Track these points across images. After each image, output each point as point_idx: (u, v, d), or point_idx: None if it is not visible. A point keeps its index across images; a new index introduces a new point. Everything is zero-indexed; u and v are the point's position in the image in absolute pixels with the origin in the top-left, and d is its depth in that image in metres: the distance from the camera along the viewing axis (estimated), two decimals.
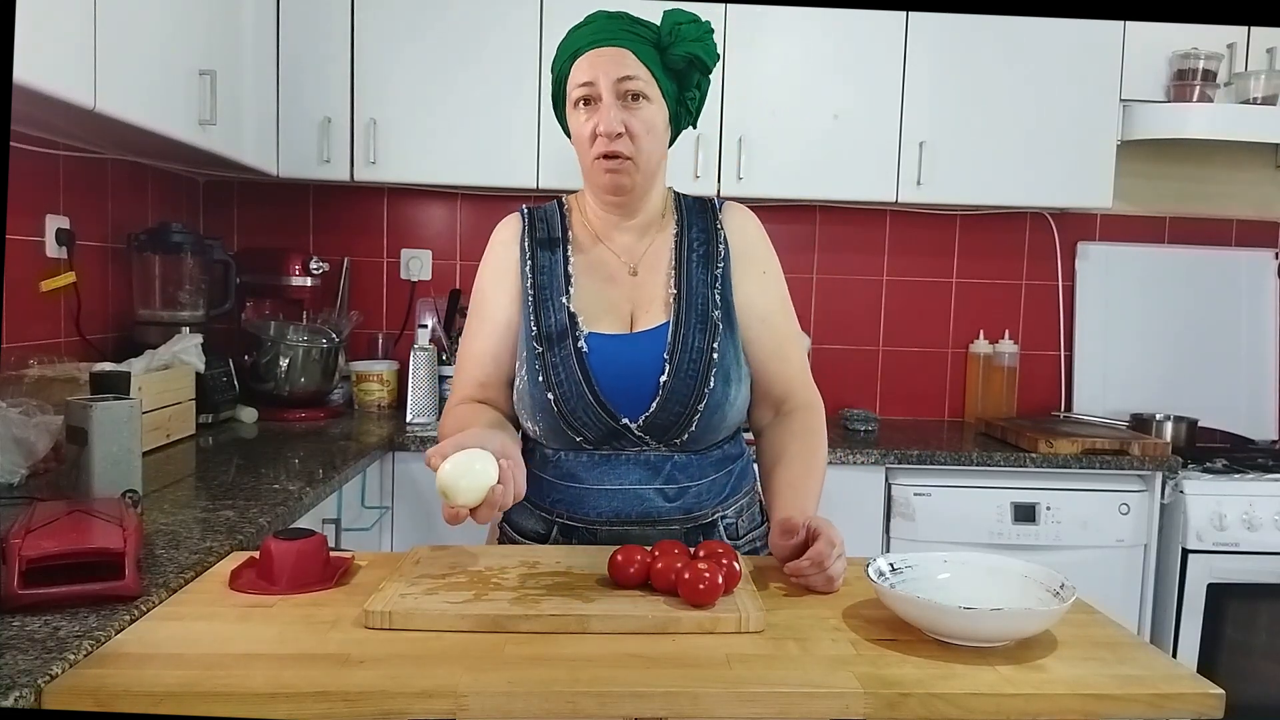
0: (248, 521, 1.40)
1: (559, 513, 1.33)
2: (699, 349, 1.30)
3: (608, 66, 1.27)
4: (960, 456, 2.40)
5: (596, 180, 1.32)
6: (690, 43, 1.29)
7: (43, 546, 1.00)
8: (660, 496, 1.31)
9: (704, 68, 1.33)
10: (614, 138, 1.26)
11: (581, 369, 1.29)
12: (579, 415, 1.28)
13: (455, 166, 2.54)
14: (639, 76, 1.27)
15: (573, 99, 1.30)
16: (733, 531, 1.36)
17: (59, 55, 1.47)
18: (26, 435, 1.53)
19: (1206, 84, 2.61)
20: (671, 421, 1.29)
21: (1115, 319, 2.95)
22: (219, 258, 2.45)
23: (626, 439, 1.30)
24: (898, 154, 2.58)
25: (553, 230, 1.39)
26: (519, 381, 1.33)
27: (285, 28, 2.47)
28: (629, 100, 1.27)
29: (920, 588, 1.03)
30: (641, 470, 1.31)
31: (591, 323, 1.32)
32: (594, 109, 1.28)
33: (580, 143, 1.31)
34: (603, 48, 1.28)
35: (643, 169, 1.31)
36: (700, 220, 1.40)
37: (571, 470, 1.32)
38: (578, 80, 1.29)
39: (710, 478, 1.34)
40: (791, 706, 0.85)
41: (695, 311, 1.32)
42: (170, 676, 0.85)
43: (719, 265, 1.36)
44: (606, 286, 1.36)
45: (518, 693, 0.84)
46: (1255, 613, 2.44)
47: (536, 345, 1.31)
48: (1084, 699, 0.87)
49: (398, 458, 2.33)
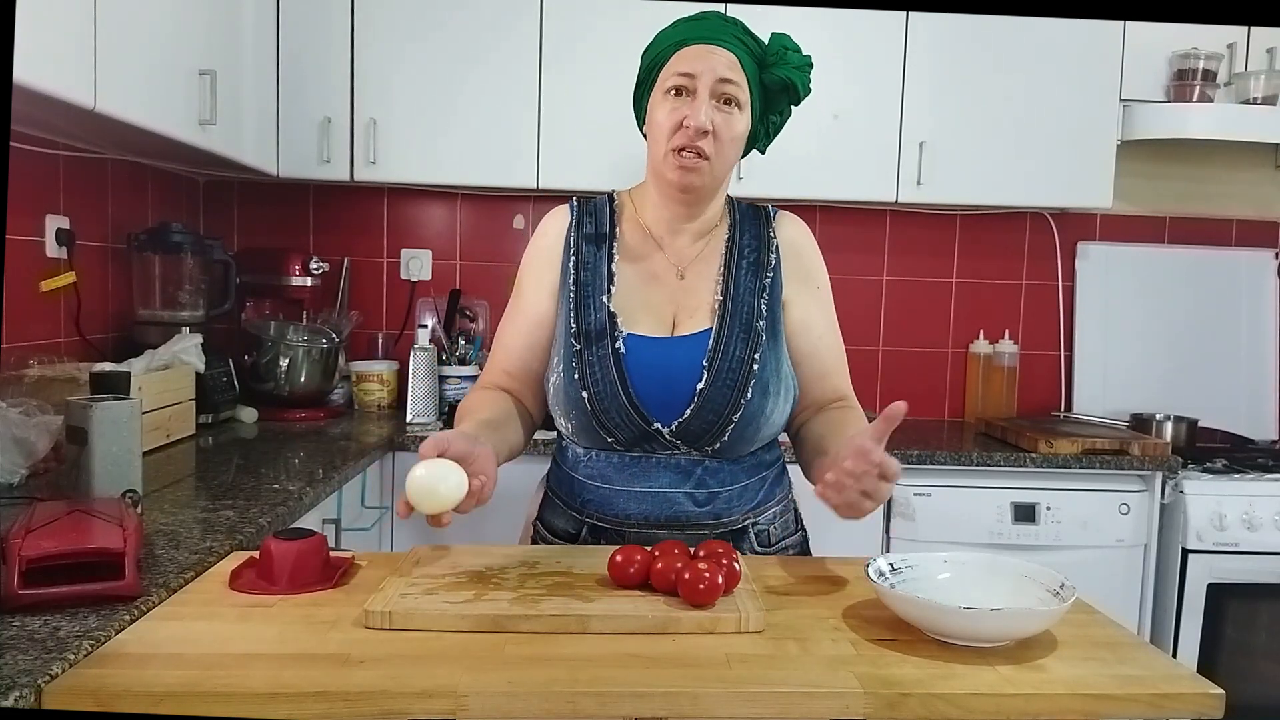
0: (248, 521, 1.40)
1: (589, 513, 1.33)
2: (739, 358, 1.28)
3: (713, 63, 1.26)
4: (960, 456, 2.40)
5: (667, 174, 1.29)
6: (792, 68, 1.30)
7: (43, 546, 1.00)
8: (690, 501, 1.30)
9: (795, 97, 1.33)
10: (701, 134, 1.25)
11: (618, 369, 1.27)
12: (611, 416, 1.27)
13: (455, 166, 2.54)
14: (739, 82, 1.27)
15: (666, 86, 1.28)
16: (765, 539, 1.35)
17: (59, 55, 1.47)
18: (26, 435, 1.53)
19: (1206, 84, 2.61)
20: (705, 429, 1.28)
21: (1115, 319, 2.95)
22: (219, 258, 2.44)
23: (658, 442, 1.29)
24: (898, 154, 2.58)
25: (600, 226, 1.37)
26: (555, 377, 1.32)
27: (285, 28, 2.47)
28: (723, 103, 1.27)
29: (920, 588, 1.03)
30: (672, 474, 1.30)
31: (631, 323, 1.30)
32: (686, 101, 1.26)
33: (659, 131, 1.28)
34: (712, 45, 1.27)
35: (715, 173, 1.30)
36: (753, 227, 1.39)
37: (602, 471, 1.32)
38: (678, 69, 1.27)
39: (742, 484, 1.33)
40: (791, 706, 0.85)
41: (740, 320, 1.31)
42: (170, 676, 0.85)
43: (768, 275, 1.35)
44: (650, 287, 1.34)
45: (518, 693, 0.84)
46: (1255, 613, 2.44)
47: (575, 343, 1.30)
48: (1084, 699, 0.87)
49: (398, 458, 2.33)
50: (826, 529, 2.34)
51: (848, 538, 2.41)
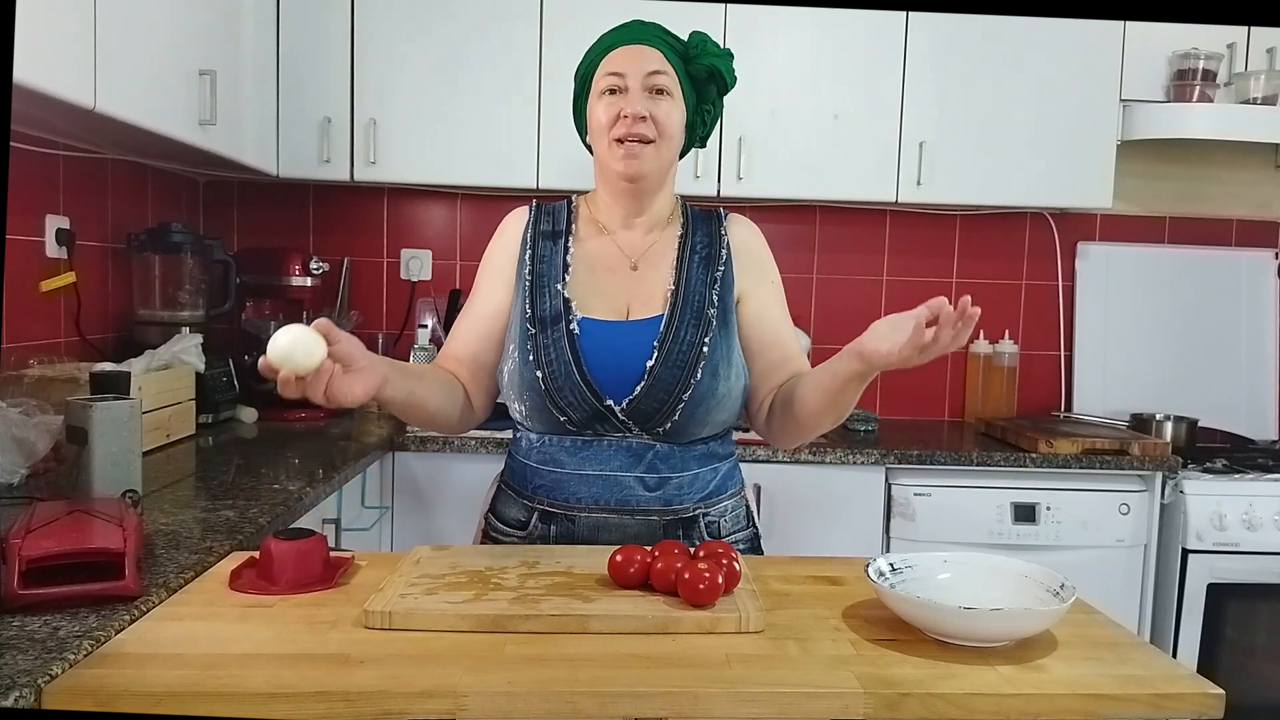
0: (248, 521, 1.40)
1: (539, 499, 1.35)
2: (690, 341, 1.32)
3: (639, 60, 1.35)
4: (960, 456, 2.40)
5: (613, 165, 1.35)
6: (713, 57, 1.38)
7: (43, 546, 1.00)
8: (640, 485, 1.32)
9: (722, 85, 1.41)
10: (638, 120, 1.32)
11: (571, 349, 1.31)
12: (565, 394, 1.30)
13: (455, 167, 2.54)
14: (666, 73, 1.35)
15: (601, 87, 1.36)
16: (714, 531, 1.37)
17: (59, 55, 1.47)
18: (26, 435, 1.53)
19: (1206, 84, 2.61)
20: (655, 408, 1.30)
21: (1115, 319, 2.95)
22: (219, 258, 2.44)
23: (610, 423, 1.31)
24: (898, 154, 2.58)
25: (557, 223, 1.43)
26: (509, 363, 1.35)
27: (285, 28, 2.47)
28: (655, 94, 1.35)
29: (920, 588, 1.03)
30: (623, 457, 1.32)
31: (585, 309, 1.35)
32: (620, 97, 1.34)
33: (599, 129, 1.36)
34: (635, 45, 1.36)
35: (660, 158, 1.36)
36: (705, 226, 1.44)
37: (553, 454, 1.34)
38: (608, 69, 1.35)
39: (693, 471, 1.35)
40: (791, 706, 0.85)
41: (691, 307, 1.35)
42: (170, 676, 0.85)
43: (720, 268, 1.39)
44: (605, 277, 1.39)
45: (518, 693, 0.84)
46: (1255, 613, 2.44)
47: (530, 327, 1.34)
48: (1084, 699, 0.87)
49: (398, 458, 2.33)
50: (827, 529, 2.35)
51: (848, 538, 2.43)
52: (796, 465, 2.31)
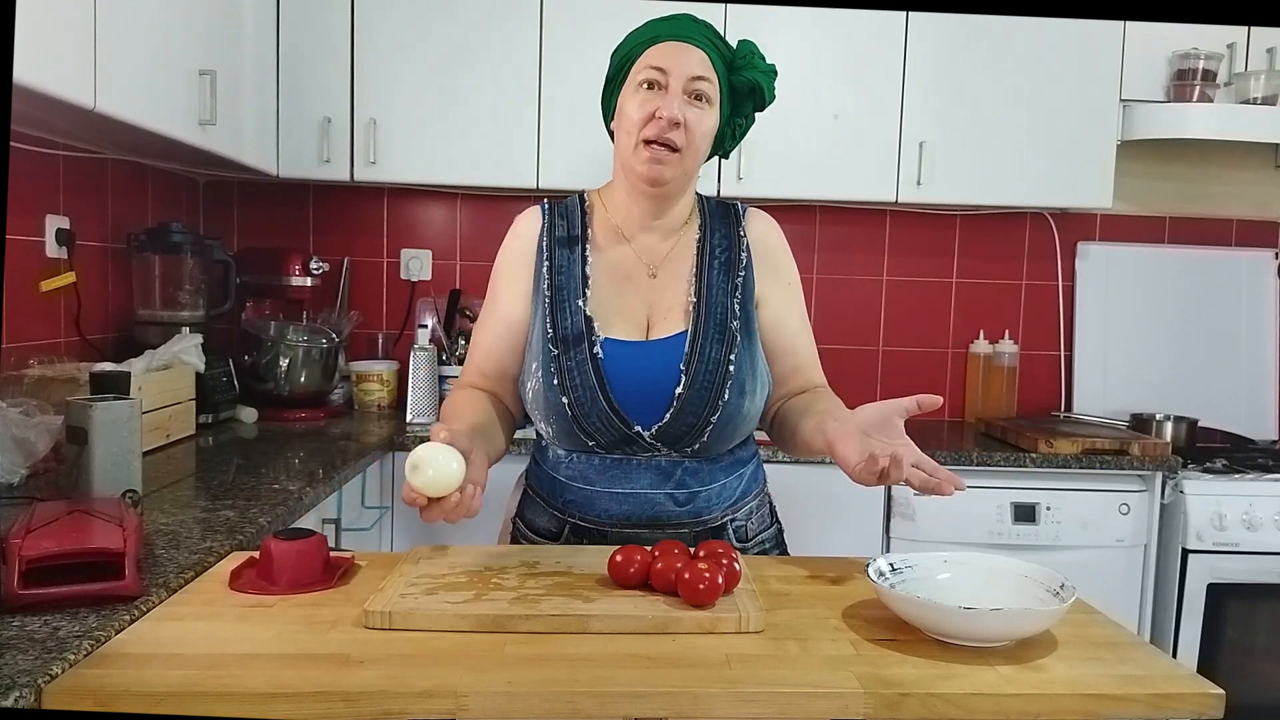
0: (248, 521, 1.40)
1: (571, 513, 1.34)
2: (715, 360, 1.29)
3: (686, 60, 1.28)
4: (960, 456, 2.40)
5: (636, 167, 1.30)
6: (759, 72, 1.32)
7: (43, 546, 1.00)
8: (671, 501, 1.31)
9: (760, 101, 1.35)
10: (673, 125, 1.27)
11: (596, 375, 1.28)
12: (592, 420, 1.28)
13: (455, 167, 2.54)
14: (709, 79, 1.30)
15: (639, 80, 1.29)
16: (742, 534, 1.37)
17: (59, 55, 1.47)
18: (26, 435, 1.53)
19: (1206, 84, 2.61)
20: (684, 432, 1.29)
21: (1115, 319, 2.95)
22: (219, 258, 2.44)
23: (638, 445, 1.30)
24: (898, 154, 2.58)
25: (572, 228, 1.38)
26: (533, 382, 1.32)
27: (285, 28, 2.47)
28: (694, 99, 1.29)
29: (920, 588, 1.03)
30: (653, 475, 1.31)
31: (607, 327, 1.32)
32: (658, 94, 1.28)
33: (629, 123, 1.29)
34: (684, 43, 1.29)
35: (685, 167, 1.31)
36: (723, 226, 1.40)
37: (583, 472, 1.33)
38: (650, 63, 1.29)
39: (720, 482, 1.34)
40: (791, 706, 0.85)
41: (714, 321, 1.32)
42: (170, 676, 0.85)
43: (740, 273, 1.36)
44: (624, 288, 1.35)
45: (518, 693, 0.84)
46: (1255, 613, 2.44)
47: (552, 348, 1.30)
48: (1084, 699, 0.87)
49: (398, 458, 2.33)
50: (827, 529, 2.35)
51: (847, 538, 2.43)
52: (797, 465, 2.31)
